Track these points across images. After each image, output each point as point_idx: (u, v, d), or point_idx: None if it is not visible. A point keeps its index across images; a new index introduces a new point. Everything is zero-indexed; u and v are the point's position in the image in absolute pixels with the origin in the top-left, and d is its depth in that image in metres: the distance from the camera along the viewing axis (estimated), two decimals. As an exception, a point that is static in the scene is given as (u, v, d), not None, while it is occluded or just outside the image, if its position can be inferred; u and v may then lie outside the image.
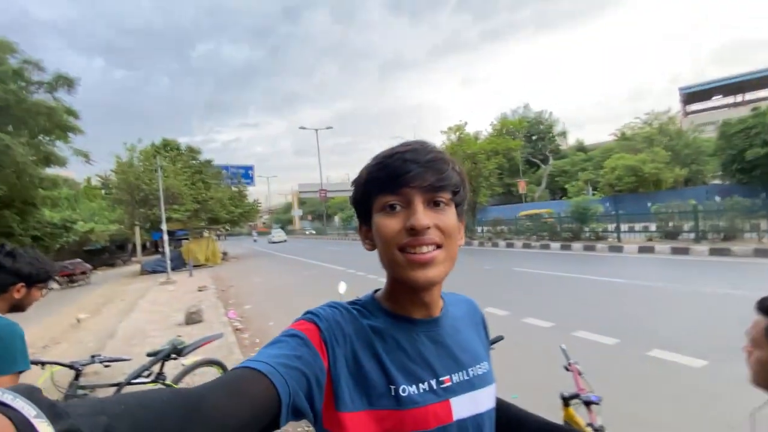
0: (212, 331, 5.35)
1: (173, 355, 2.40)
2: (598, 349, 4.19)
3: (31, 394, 0.29)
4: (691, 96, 39.71)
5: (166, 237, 14.62)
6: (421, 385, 0.58)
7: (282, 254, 22.65)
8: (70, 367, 2.17)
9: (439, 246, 0.57)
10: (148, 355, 2.41)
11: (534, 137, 42.82)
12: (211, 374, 3.15)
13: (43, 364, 2.12)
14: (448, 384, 0.60)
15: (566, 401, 1.77)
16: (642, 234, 13.15)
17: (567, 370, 1.89)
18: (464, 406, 0.61)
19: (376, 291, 0.67)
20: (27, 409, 0.28)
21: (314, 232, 50.42)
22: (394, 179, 0.57)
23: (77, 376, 2.18)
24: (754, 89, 36.86)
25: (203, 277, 13.72)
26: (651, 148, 27.06)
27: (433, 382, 0.59)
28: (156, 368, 2.39)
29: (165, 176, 16.54)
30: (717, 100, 40.44)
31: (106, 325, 7.44)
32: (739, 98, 38.56)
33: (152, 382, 2.34)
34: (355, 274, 11.42)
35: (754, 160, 19.03)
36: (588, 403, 1.70)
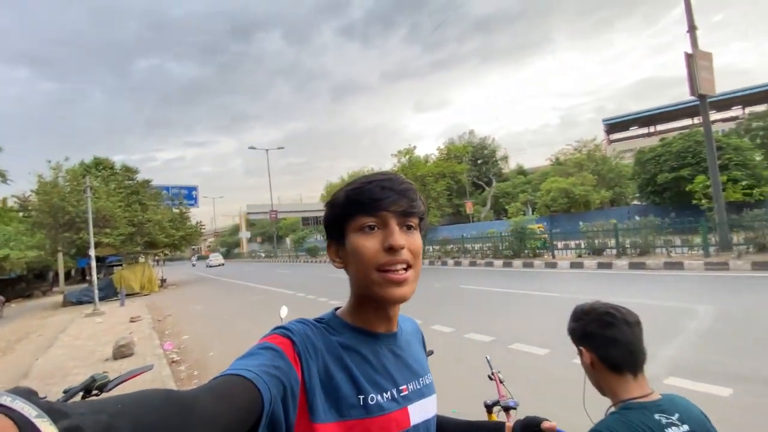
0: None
1: (95, 391, 2.24)
2: (531, 359, 4.48)
3: (29, 396, 0.30)
4: (613, 126, 44.46)
5: (94, 264, 13.38)
6: (384, 394, 0.63)
7: (227, 279, 21.58)
8: None
9: (409, 266, 0.64)
10: (64, 392, 2.22)
11: (479, 161, 45.34)
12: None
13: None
14: (406, 393, 0.67)
15: (489, 408, 1.91)
16: (573, 251, 14.27)
17: (491, 379, 2.05)
18: (418, 413, 0.67)
19: (337, 309, 0.71)
20: (27, 409, 0.28)
21: (263, 254, 48.62)
22: (373, 202, 0.63)
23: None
24: (664, 121, 42.19)
25: (137, 307, 12.67)
26: (580, 172, 29.72)
27: (394, 391, 0.65)
28: (74, 406, 2.21)
29: (96, 198, 15.30)
30: (634, 131, 45.61)
31: (19, 364, 6.61)
32: (652, 129, 43.81)
33: (69, 421, 2.16)
34: (305, 297, 11.19)
35: (664, 183, 21.56)
36: (507, 409, 1.86)
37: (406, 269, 0.63)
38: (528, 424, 0.89)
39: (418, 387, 0.69)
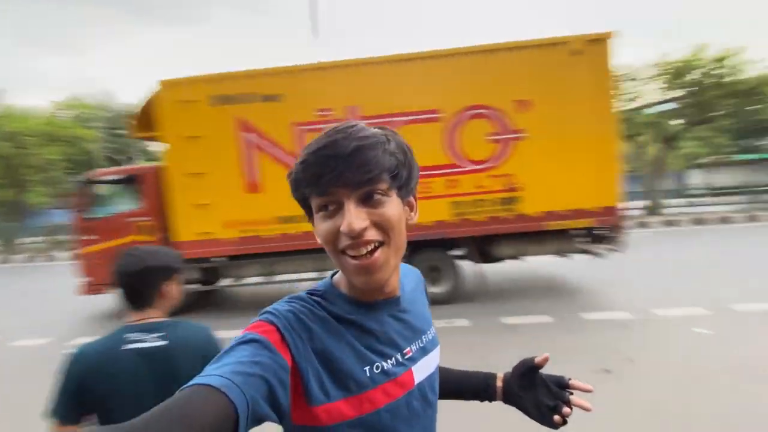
0: None
1: None
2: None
3: None
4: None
5: None
6: (389, 360, 0.59)
7: None
8: None
9: (380, 243, 0.54)
10: None
11: (119, 131, 37.75)
12: None
13: None
14: (410, 354, 0.63)
15: None
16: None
17: None
18: (421, 371, 0.64)
19: (334, 274, 0.64)
20: None
21: None
22: (318, 180, 0.52)
23: None
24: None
25: None
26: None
27: (398, 356, 0.61)
28: None
29: None
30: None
31: None
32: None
33: None
34: None
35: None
36: None
37: (373, 251, 0.54)
38: (524, 364, 0.78)
39: (421, 345, 0.66)
